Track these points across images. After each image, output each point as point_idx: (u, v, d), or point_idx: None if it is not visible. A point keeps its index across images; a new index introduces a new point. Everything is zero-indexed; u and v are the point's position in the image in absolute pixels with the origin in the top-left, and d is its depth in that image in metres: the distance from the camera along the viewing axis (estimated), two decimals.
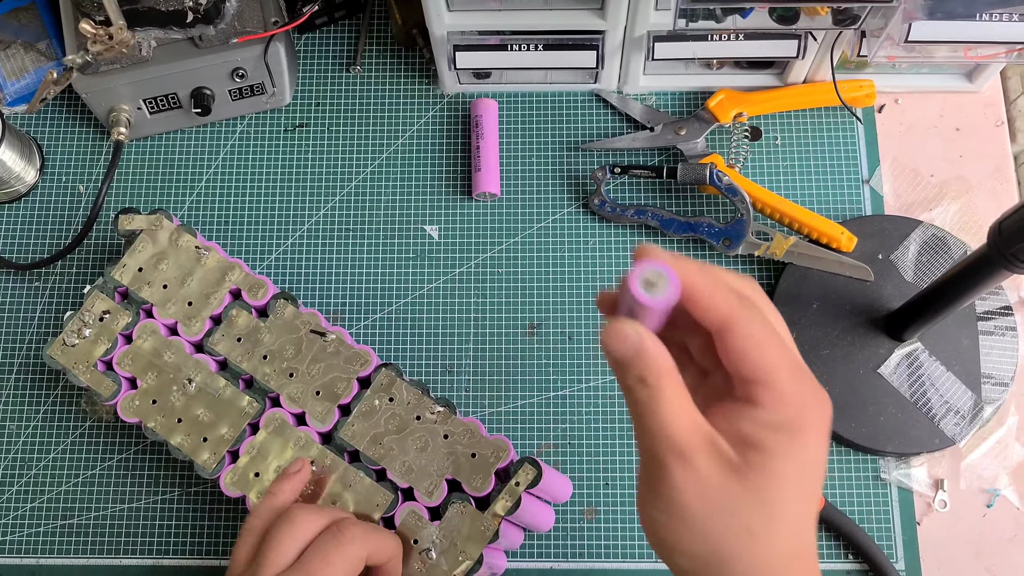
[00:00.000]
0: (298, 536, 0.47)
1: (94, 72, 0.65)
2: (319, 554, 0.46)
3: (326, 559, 0.46)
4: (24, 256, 0.69)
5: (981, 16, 0.57)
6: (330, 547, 0.47)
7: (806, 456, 0.31)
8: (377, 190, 0.69)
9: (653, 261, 0.31)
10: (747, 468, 0.31)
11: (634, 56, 0.66)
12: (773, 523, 0.31)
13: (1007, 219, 0.45)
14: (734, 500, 0.31)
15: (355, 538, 0.47)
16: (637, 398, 0.32)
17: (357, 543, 0.47)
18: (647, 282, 0.31)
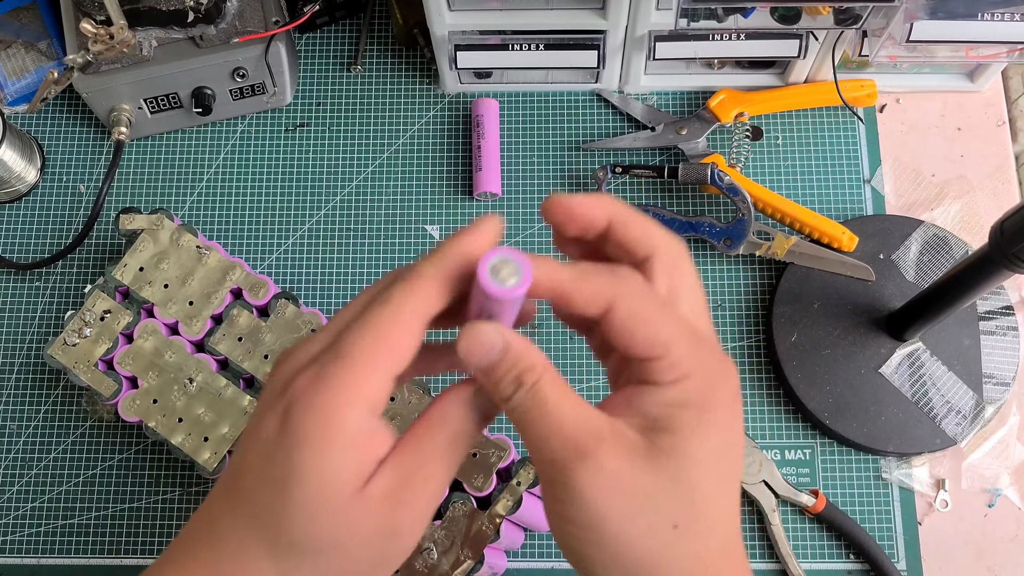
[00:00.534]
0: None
1: (95, 72, 0.65)
2: None
3: None
4: (25, 256, 0.69)
5: (983, 16, 0.57)
6: None
7: (718, 433, 0.28)
8: (378, 190, 0.69)
9: (500, 249, 0.28)
10: (658, 453, 0.28)
11: (635, 56, 0.66)
12: (698, 514, 0.28)
13: (1008, 219, 0.45)
14: (651, 493, 0.28)
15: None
16: (517, 405, 0.29)
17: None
18: (494, 270, 0.28)
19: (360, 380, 0.29)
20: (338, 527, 0.29)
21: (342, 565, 0.30)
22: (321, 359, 0.30)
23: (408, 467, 0.30)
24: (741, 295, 0.65)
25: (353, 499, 0.29)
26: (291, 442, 0.29)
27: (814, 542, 0.60)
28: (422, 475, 0.30)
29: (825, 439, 0.62)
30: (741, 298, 0.65)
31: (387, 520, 0.30)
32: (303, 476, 0.29)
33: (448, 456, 0.31)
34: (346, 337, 0.29)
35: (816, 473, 0.62)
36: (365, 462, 0.29)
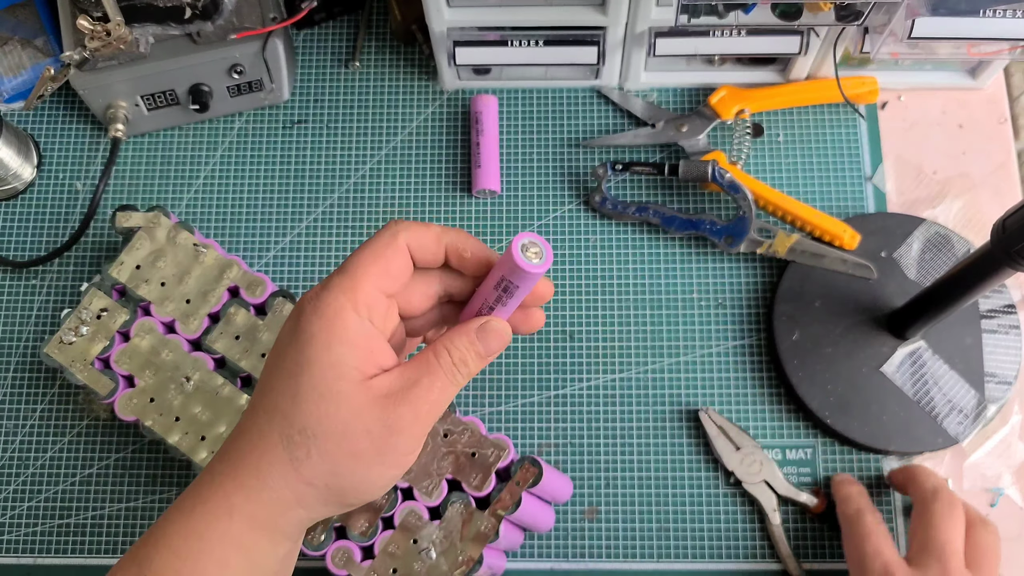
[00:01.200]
0: None
1: (91, 68, 0.65)
2: None
3: None
4: (21, 254, 0.68)
5: (985, 12, 0.57)
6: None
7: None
8: (376, 187, 0.69)
9: (527, 233, 0.34)
10: None
11: (635, 52, 0.65)
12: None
13: (1010, 216, 0.45)
14: None
15: None
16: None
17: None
18: (523, 248, 0.34)
19: (357, 286, 0.35)
20: (345, 411, 0.34)
21: (349, 451, 0.34)
22: (329, 277, 0.36)
23: (412, 376, 0.35)
24: (742, 293, 0.65)
25: (359, 388, 0.34)
26: (300, 340, 0.34)
27: (815, 542, 0.60)
28: (425, 384, 0.35)
29: (826, 438, 0.62)
30: (742, 296, 0.65)
31: (388, 413, 0.34)
32: (311, 365, 0.34)
33: (450, 375, 0.36)
34: (349, 258, 0.36)
35: (817, 472, 0.61)
36: (365, 359, 0.34)
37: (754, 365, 0.64)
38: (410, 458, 0.36)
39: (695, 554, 0.60)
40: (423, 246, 0.37)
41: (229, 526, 0.34)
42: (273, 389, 0.35)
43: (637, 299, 0.65)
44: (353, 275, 0.35)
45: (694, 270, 0.66)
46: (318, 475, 0.34)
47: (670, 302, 0.65)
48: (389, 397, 0.34)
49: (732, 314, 0.65)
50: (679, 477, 0.61)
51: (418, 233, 0.37)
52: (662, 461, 0.62)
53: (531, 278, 0.34)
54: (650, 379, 0.63)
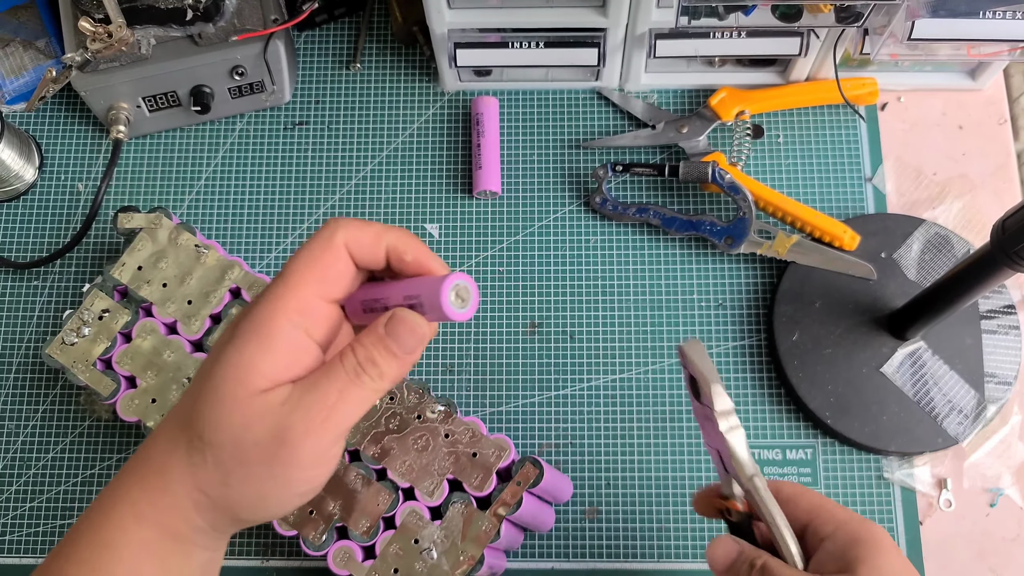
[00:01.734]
0: None
1: (93, 70, 0.65)
2: None
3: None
4: (23, 255, 0.69)
5: (984, 14, 0.57)
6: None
7: (897, 556, 0.39)
8: (377, 188, 0.69)
9: (460, 275, 0.33)
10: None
11: (636, 54, 0.65)
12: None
13: (1010, 217, 0.45)
14: None
15: None
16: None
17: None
18: (459, 298, 0.33)
19: (291, 292, 0.33)
20: (236, 419, 0.32)
21: (239, 463, 0.32)
22: (270, 282, 0.34)
23: (312, 380, 0.33)
24: (742, 294, 0.65)
25: (255, 396, 0.32)
26: (224, 341, 0.33)
27: None
28: (322, 388, 0.32)
29: (826, 439, 0.62)
30: (742, 297, 0.65)
31: (280, 423, 0.32)
32: (219, 367, 0.32)
33: (353, 377, 0.33)
34: (287, 262, 0.34)
35: (817, 473, 0.61)
36: (279, 368, 0.32)
37: (754, 366, 0.64)
38: (309, 474, 0.33)
39: (695, 554, 0.60)
40: (362, 246, 0.34)
41: (138, 533, 0.32)
42: (190, 392, 0.34)
43: (637, 299, 0.65)
44: (287, 282, 0.33)
45: (694, 271, 0.66)
46: (210, 484, 0.32)
47: (670, 303, 0.65)
48: (284, 405, 0.32)
49: (732, 315, 0.65)
50: (679, 477, 0.62)
51: (356, 232, 0.34)
52: (662, 461, 0.62)
53: (446, 318, 0.33)
54: (650, 379, 0.63)
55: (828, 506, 0.41)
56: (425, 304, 0.33)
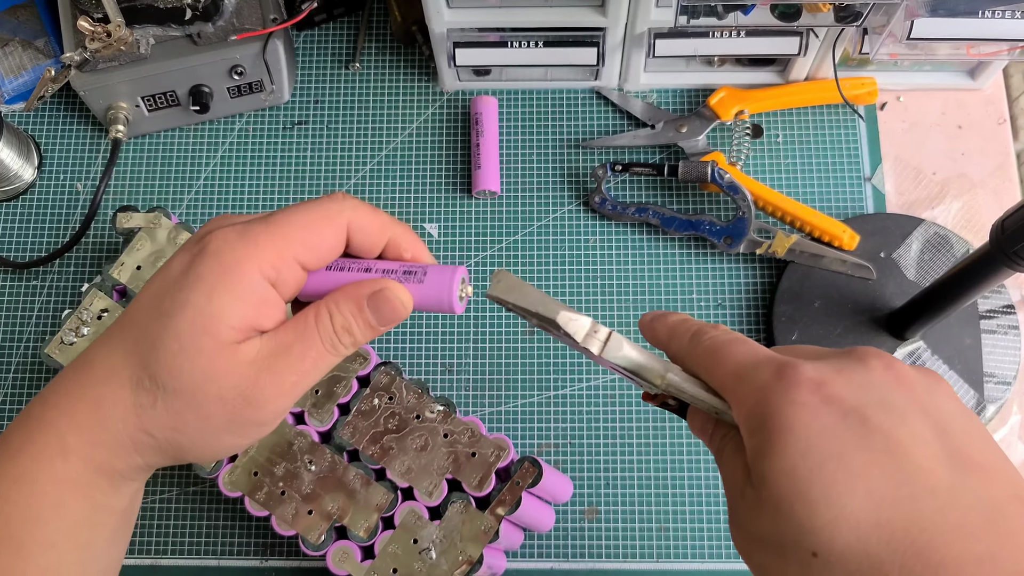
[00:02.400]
0: None
1: (92, 70, 0.65)
2: None
3: None
4: (22, 254, 0.68)
5: (983, 13, 0.57)
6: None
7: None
8: (376, 188, 0.69)
9: (463, 269, 0.32)
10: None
11: (635, 53, 0.65)
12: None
13: (1009, 217, 0.45)
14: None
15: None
16: (708, 342, 0.33)
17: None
18: (464, 291, 0.33)
19: (273, 245, 0.31)
20: (199, 371, 0.30)
21: (196, 413, 0.31)
22: (250, 222, 0.32)
23: (285, 341, 0.31)
24: (741, 294, 0.65)
25: (223, 349, 0.30)
26: (187, 278, 0.31)
27: None
28: (296, 352, 0.31)
29: None
30: (741, 297, 0.65)
31: (248, 382, 0.31)
32: (183, 309, 0.30)
33: (329, 344, 0.32)
34: (279, 212, 0.32)
35: None
36: (248, 319, 0.31)
37: None
38: (265, 429, 0.32)
39: (695, 554, 0.60)
40: (365, 231, 0.33)
41: (65, 467, 0.30)
42: (137, 324, 0.31)
43: (637, 299, 0.65)
44: (274, 232, 0.31)
45: (694, 270, 0.66)
46: (159, 428, 0.31)
47: (670, 302, 0.65)
48: (254, 363, 0.31)
49: (732, 314, 0.65)
50: (679, 477, 0.62)
51: (365, 217, 0.33)
52: (662, 461, 0.62)
53: (444, 308, 0.33)
54: None
55: (738, 373, 0.31)
56: (430, 289, 0.32)
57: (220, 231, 0.31)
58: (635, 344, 0.33)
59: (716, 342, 0.33)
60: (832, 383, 0.28)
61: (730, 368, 0.31)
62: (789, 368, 0.29)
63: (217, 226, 0.32)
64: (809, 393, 0.28)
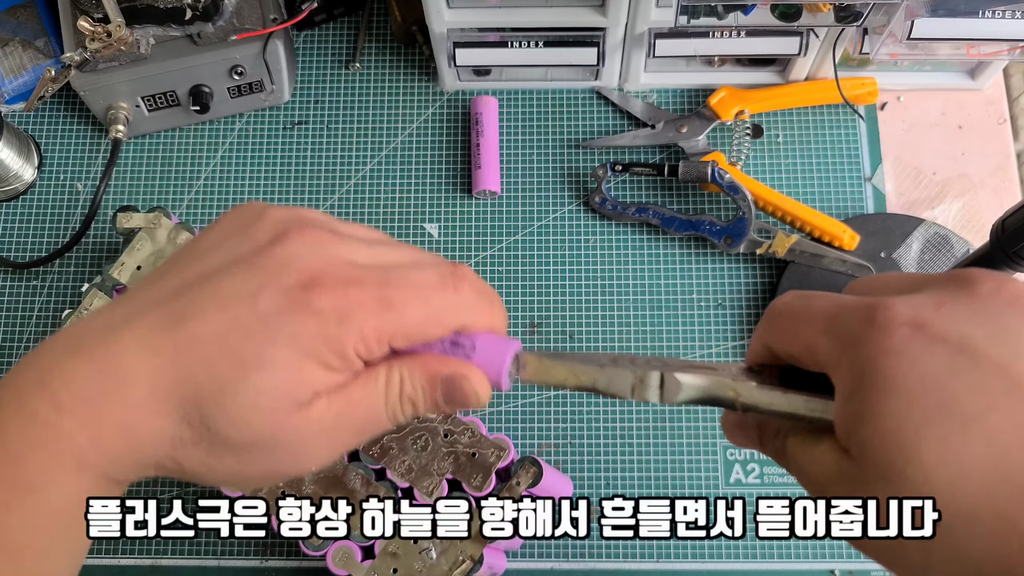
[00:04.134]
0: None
1: (92, 70, 0.65)
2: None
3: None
4: (22, 254, 0.68)
5: (984, 13, 0.57)
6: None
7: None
8: (376, 188, 0.69)
9: (512, 345, 0.30)
10: None
11: (635, 53, 0.65)
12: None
13: (1010, 217, 0.45)
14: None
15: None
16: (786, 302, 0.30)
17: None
18: (514, 368, 0.30)
19: (379, 328, 0.28)
20: (266, 431, 0.28)
21: (239, 461, 0.29)
22: (361, 280, 0.28)
23: (353, 401, 0.29)
24: (741, 293, 0.65)
25: (296, 411, 0.28)
26: (280, 335, 0.27)
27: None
28: (361, 414, 0.29)
29: None
30: (741, 296, 0.65)
31: (307, 445, 0.29)
32: (275, 370, 0.27)
33: (391, 411, 0.30)
34: (395, 282, 0.28)
35: None
36: (330, 387, 0.28)
37: None
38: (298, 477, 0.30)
39: (695, 554, 0.60)
40: (466, 329, 0.30)
41: (78, 481, 0.28)
42: (202, 355, 0.27)
43: (637, 299, 0.65)
44: (386, 317, 0.28)
45: (694, 270, 0.66)
46: (192, 462, 0.28)
47: (670, 302, 0.65)
48: (319, 428, 0.29)
49: (732, 314, 0.65)
50: (679, 477, 0.61)
51: (475, 321, 0.30)
52: (662, 461, 0.62)
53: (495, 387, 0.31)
54: None
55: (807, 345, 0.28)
56: (479, 360, 0.30)
57: (328, 285, 0.27)
58: (692, 368, 0.30)
59: (790, 307, 0.29)
60: (933, 320, 0.24)
61: (817, 327, 0.27)
62: (880, 311, 0.25)
63: (319, 257, 0.28)
64: (908, 337, 0.24)
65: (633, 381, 0.30)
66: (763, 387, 0.29)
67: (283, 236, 0.28)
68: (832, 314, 0.27)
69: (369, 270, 0.28)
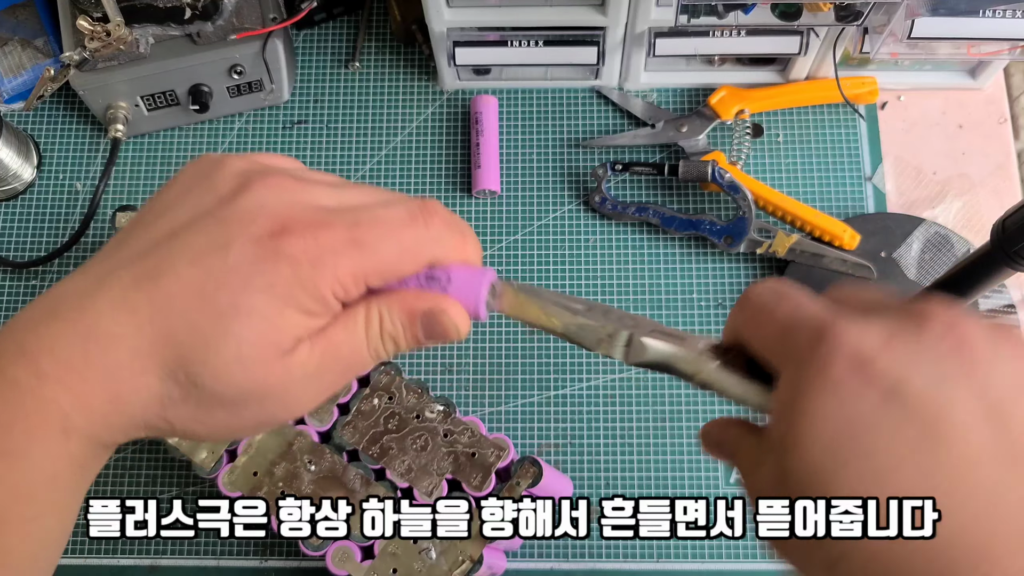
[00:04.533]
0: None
1: (91, 69, 0.65)
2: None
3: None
4: (21, 254, 0.68)
5: (984, 13, 0.57)
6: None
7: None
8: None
9: (487, 275, 0.30)
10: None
11: (635, 52, 0.65)
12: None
13: (1010, 217, 0.45)
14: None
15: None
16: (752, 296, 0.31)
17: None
18: (492, 297, 0.30)
19: (353, 268, 0.28)
20: (252, 382, 0.28)
21: (229, 413, 0.28)
22: (330, 223, 0.27)
23: (335, 342, 0.29)
24: (742, 293, 0.65)
25: (280, 359, 0.28)
26: (254, 283, 0.26)
27: None
28: (345, 354, 0.29)
29: None
30: None
31: (295, 391, 0.29)
32: (252, 319, 0.27)
33: (373, 349, 0.30)
34: (365, 222, 0.28)
35: None
36: (311, 330, 0.28)
37: None
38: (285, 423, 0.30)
39: (695, 554, 0.60)
40: (440, 262, 0.30)
41: (65, 445, 0.27)
42: (179, 310, 0.27)
43: (637, 299, 0.65)
44: (359, 257, 0.28)
45: (694, 270, 0.66)
46: (182, 419, 0.28)
47: (670, 302, 0.65)
48: (304, 373, 0.29)
49: None
50: (679, 477, 0.61)
51: (448, 253, 0.30)
52: (662, 461, 0.62)
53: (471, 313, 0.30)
54: (650, 379, 0.63)
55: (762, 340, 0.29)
56: (455, 292, 0.30)
57: (298, 230, 0.27)
58: (662, 334, 0.30)
59: (760, 300, 0.29)
60: (878, 356, 0.24)
61: (774, 329, 0.28)
62: (829, 334, 0.25)
63: (286, 203, 0.28)
64: (846, 371, 0.25)
65: (602, 335, 0.30)
66: (724, 369, 0.30)
67: (246, 185, 0.28)
68: (788, 324, 0.27)
69: (337, 212, 0.28)
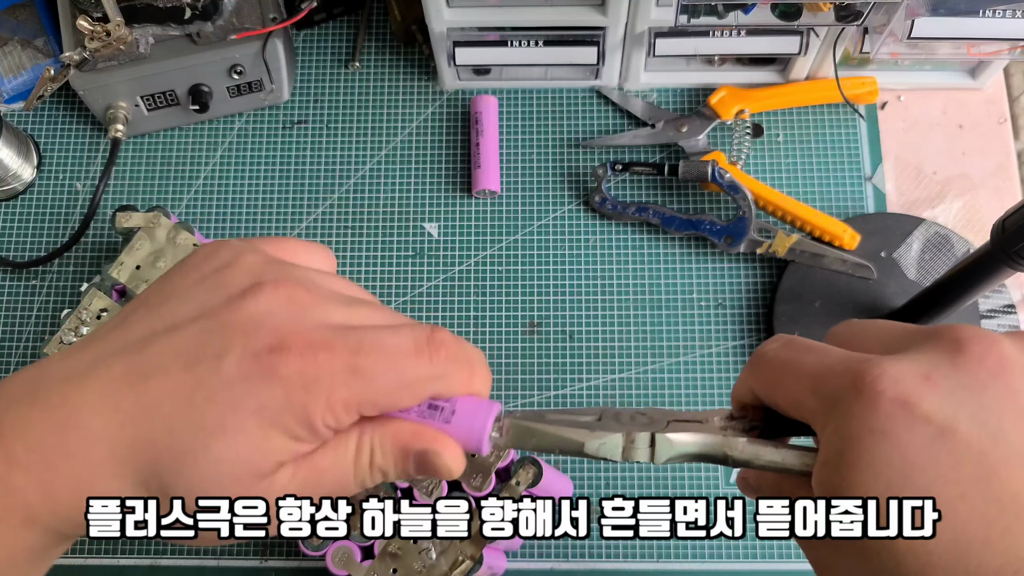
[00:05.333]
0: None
1: (91, 69, 0.65)
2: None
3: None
4: (21, 254, 0.68)
5: (984, 13, 0.57)
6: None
7: None
8: (376, 187, 0.69)
9: (492, 410, 0.29)
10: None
11: (635, 52, 0.65)
12: None
13: (1010, 217, 0.45)
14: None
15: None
16: (775, 351, 0.30)
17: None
18: (497, 430, 0.29)
19: (349, 398, 0.27)
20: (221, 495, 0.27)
21: None
22: (330, 344, 0.26)
23: (320, 468, 0.28)
24: (742, 293, 0.65)
25: (259, 481, 0.27)
26: (243, 402, 0.26)
27: None
28: (328, 481, 0.28)
29: None
30: (742, 296, 0.65)
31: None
32: (236, 440, 0.26)
33: (359, 481, 0.29)
34: (368, 347, 0.27)
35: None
36: (296, 455, 0.27)
37: None
38: None
39: (695, 554, 0.60)
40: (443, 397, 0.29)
41: (26, 536, 0.27)
42: (163, 415, 0.26)
43: (637, 299, 0.65)
44: (359, 388, 0.27)
45: (694, 270, 0.66)
46: None
47: (670, 302, 0.65)
48: (282, 491, 0.27)
49: (732, 314, 0.65)
50: (679, 477, 0.61)
51: (453, 389, 0.29)
52: None
53: (470, 449, 0.29)
54: (650, 379, 0.63)
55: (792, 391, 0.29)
56: (456, 431, 0.29)
57: (297, 349, 0.26)
58: (680, 424, 0.30)
59: (778, 358, 0.29)
60: (921, 396, 0.25)
61: (803, 384, 0.28)
62: (866, 380, 0.25)
63: (291, 317, 0.27)
64: (893, 416, 0.25)
65: (623, 443, 0.30)
66: (753, 442, 0.29)
67: (257, 289, 0.27)
68: (818, 372, 0.27)
69: (341, 333, 0.27)
